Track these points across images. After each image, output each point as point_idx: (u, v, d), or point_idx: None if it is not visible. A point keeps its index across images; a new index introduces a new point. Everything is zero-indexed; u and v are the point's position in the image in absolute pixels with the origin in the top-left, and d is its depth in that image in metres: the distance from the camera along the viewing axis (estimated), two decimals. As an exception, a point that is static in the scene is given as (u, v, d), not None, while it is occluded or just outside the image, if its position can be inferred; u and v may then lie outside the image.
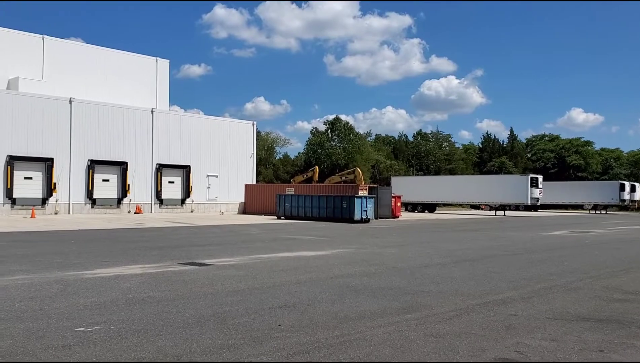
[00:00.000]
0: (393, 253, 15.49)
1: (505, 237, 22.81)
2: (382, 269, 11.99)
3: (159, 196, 40.54)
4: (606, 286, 10.05)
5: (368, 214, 33.18)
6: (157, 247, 16.20)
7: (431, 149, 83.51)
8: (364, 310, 7.67)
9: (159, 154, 40.70)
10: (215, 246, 16.77)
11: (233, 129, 46.09)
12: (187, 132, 42.65)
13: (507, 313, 7.57)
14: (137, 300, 8.05)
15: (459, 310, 7.78)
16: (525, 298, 8.74)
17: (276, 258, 13.81)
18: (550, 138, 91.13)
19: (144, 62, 46.33)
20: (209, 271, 11.23)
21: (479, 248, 17.83)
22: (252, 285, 9.54)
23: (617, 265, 13.32)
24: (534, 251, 16.87)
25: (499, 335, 6.37)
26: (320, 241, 19.11)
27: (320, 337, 6.18)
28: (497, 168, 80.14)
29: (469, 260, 14.10)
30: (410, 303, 8.21)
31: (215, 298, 8.31)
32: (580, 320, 7.23)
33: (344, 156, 71.02)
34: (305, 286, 9.57)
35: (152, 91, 45.99)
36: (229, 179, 44.50)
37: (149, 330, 6.33)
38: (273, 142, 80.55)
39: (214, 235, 21.97)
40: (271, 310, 7.51)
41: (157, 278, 10.20)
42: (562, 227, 30.82)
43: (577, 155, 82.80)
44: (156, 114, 41.23)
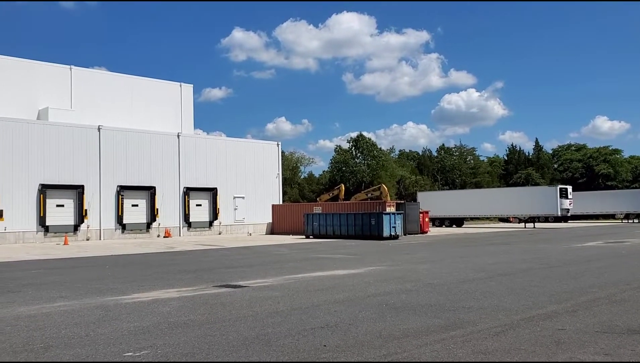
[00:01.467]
0: (427, 269, 15.34)
1: (539, 250, 22.44)
2: (419, 286, 11.87)
3: (187, 219, 40.89)
4: (652, 297, 9.81)
5: (397, 231, 32.99)
6: (190, 270, 16.29)
7: (456, 163, 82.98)
8: (407, 328, 7.59)
9: (185, 177, 41.14)
10: (248, 268, 16.80)
11: (258, 150, 46.43)
12: (213, 155, 43.08)
13: (555, 328, 7.42)
14: (179, 324, 8.09)
15: (504, 326, 7.64)
16: (570, 312, 8.56)
17: (310, 277, 13.77)
18: (577, 148, 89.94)
19: (168, 88, 47.17)
20: (245, 293, 11.24)
21: (513, 261, 17.56)
22: (290, 306, 9.52)
23: (660, 275, 12.99)
24: (571, 263, 16.55)
25: (550, 351, 6.23)
26: (351, 259, 19.03)
27: (368, 356, 6.12)
28: (523, 179, 79.21)
29: (505, 274, 13.88)
30: (453, 320, 8.10)
31: (255, 320, 8.30)
32: (631, 332, 7.04)
33: (369, 173, 70.97)
34: (343, 305, 9.51)
35: (177, 116, 46.73)
36: (255, 200, 44.73)
37: (195, 353, 6.35)
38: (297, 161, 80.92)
39: (245, 256, 22.03)
40: (314, 331, 7.47)
41: (194, 302, 10.24)
42: (596, 238, 30.23)
43: (605, 164, 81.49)
44: (182, 138, 41.76)
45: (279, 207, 44.84)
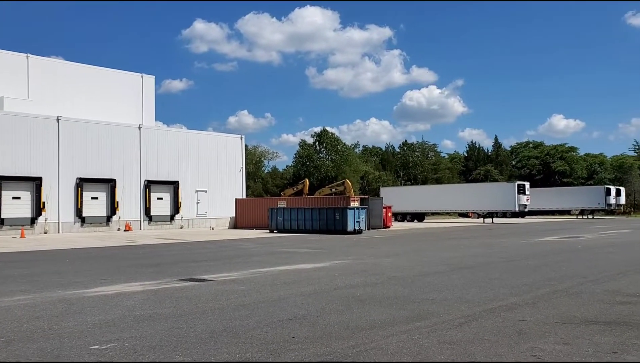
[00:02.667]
0: (391, 263, 15.55)
1: (498, 244, 22.98)
2: (383, 279, 12.03)
3: (148, 212, 40.31)
4: (607, 289, 10.18)
5: (361, 225, 33.26)
6: (153, 264, 16.10)
7: (418, 160, 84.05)
8: (373, 319, 7.70)
9: (147, 170, 40.53)
10: (212, 262, 16.70)
11: (221, 144, 46.04)
12: (175, 147, 42.54)
13: (516, 319, 7.64)
14: (144, 317, 8.01)
15: (467, 317, 7.83)
16: (530, 304, 8.82)
17: (276, 271, 13.79)
18: (535, 145, 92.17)
19: (129, 79, 46.31)
20: (210, 287, 11.19)
21: (473, 255, 17.94)
22: (257, 299, 9.53)
23: (613, 269, 13.48)
24: (529, 257, 17.01)
25: (512, 341, 6.43)
26: (317, 254, 19.13)
27: (336, 347, 6.20)
28: (482, 176, 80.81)
29: (466, 268, 14.18)
30: (418, 312, 8.26)
31: (223, 313, 8.29)
32: (588, 323, 7.32)
33: (333, 168, 71.20)
34: (310, 298, 9.58)
35: (138, 107, 45.94)
36: (218, 194, 44.38)
37: (163, 346, 6.31)
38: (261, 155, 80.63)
39: (208, 250, 21.88)
40: (282, 323, 7.51)
41: (159, 295, 10.14)
42: (552, 233, 31.11)
43: (562, 161, 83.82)
44: (143, 130, 41.10)
45: (242, 201, 44.60)
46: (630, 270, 13.16)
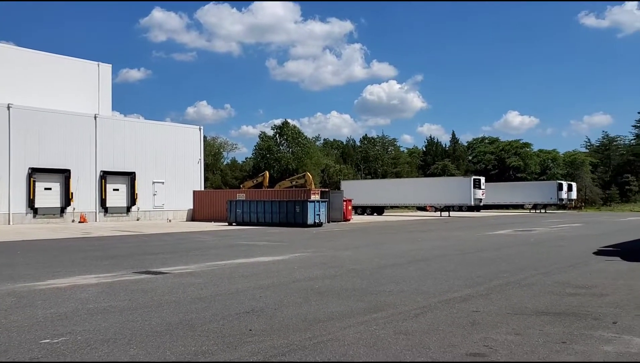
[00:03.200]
0: (350, 255, 15.65)
1: (454, 237, 23.40)
2: (342, 271, 12.11)
3: (103, 204, 39.47)
4: (557, 281, 10.50)
5: (321, 218, 33.36)
6: (108, 256, 15.79)
7: (378, 154, 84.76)
8: (331, 311, 7.75)
9: (102, 161, 39.64)
10: (169, 254, 16.48)
11: (179, 134, 45.38)
12: (132, 138, 41.70)
13: (469, 310, 7.81)
14: (98, 310, 7.85)
15: (423, 308, 7.96)
16: (483, 295, 9.03)
17: (234, 264, 13.71)
18: (490, 141, 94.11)
19: (85, 67, 45.07)
20: (166, 280, 11.04)
21: (430, 248, 18.23)
22: (214, 292, 9.45)
23: (563, 262, 13.90)
24: (483, 250, 17.39)
25: (466, 331, 6.57)
26: (276, 246, 19.10)
27: (293, 339, 6.21)
28: (440, 170, 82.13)
29: (422, 260, 14.41)
30: (375, 303, 8.34)
31: (179, 306, 8.19)
32: (539, 314, 7.53)
33: (294, 160, 71.09)
34: (268, 291, 9.56)
35: (94, 96, 44.76)
36: (176, 186, 43.77)
37: (117, 339, 6.20)
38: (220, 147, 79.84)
39: (165, 243, 21.57)
40: (239, 316, 7.47)
41: (114, 288, 9.96)
42: (506, 226, 31.87)
43: (516, 157, 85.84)
44: (99, 119, 40.15)
45: (200, 193, 44.11)
46: (580, 263, 13.60)
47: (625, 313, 7.57)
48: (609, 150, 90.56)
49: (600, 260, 14.23)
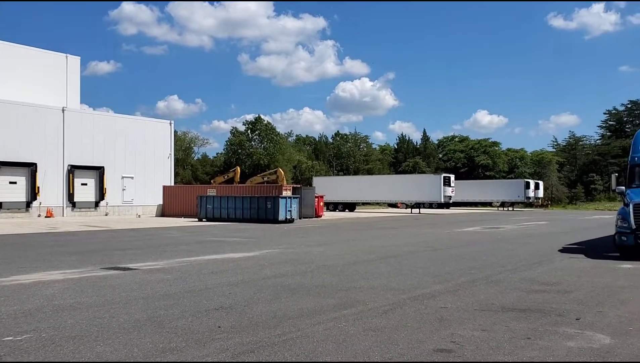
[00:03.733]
0: (321, 252, 15.69)
1: (424, 234, 23.65)
2: (313, 267, 12.13)
3: (71, 199, 38.73)
4: (523, 278, 10.70)
5: (292, 215, 33.33)
6: (75, 252, 15.53)
7: (350, 150, 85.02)
8: (301, 308, 7.76)
9: (70, 155, 38.87)
10: (138, 250, 16.29)
11: (149, 129, 44.76)
12: (101, 132, 40.97)
13: (438, 306, 7.91)
14: (64, 307, 7.72)
15: (392, 305, 8.04)
16: (451, 292, 9.15)
17: (204, 260, 13.62)
18: (460, 139, 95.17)
19: (53, 59, 44.00)
20: (135, 276, 10.92)
21: (400, 244, 18.40)
22: (183, 288, 9.38)
23: (530, 259, 14.17)
24: (452, 246, 17.62)
25: (434, 327, 6.65)
26: (247, 243, 19.03)
27: (263, 336, 6.20)
28: (411, 167, 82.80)
29: (392, 256, 14.53)
30: (345, 300, 8.39)
31: (147, 303, 8.11)
32: (505, 310, 7.68)
33: (266, 156, 70.82)
34: (238, 287, 9.53)
35: (62, 89, 43.74)
36: (145, 181, 43.17)
37: (84, 336, 6.11)
38: (191, 142, 79.04)
39: (134, 238, 21.31)
40: (208, 312, 7.43)
41: (81, 284, 9.81)
42: (475, 224, 32.33)
43: (485, 155, 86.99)
44: (67, 113, 39.36)
45: (170, 188, 43.63)
46: (545, 260, 13.89)
47: (587, 309, 7.77)
48: (575, 150, 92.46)
49: (565, 257, 14.55)
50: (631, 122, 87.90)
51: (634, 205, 13.67)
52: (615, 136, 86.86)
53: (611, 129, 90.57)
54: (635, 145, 15.46)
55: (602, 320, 7.13)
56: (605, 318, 7.24)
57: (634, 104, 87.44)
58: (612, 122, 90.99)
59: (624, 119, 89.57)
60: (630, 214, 13.68)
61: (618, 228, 14.10)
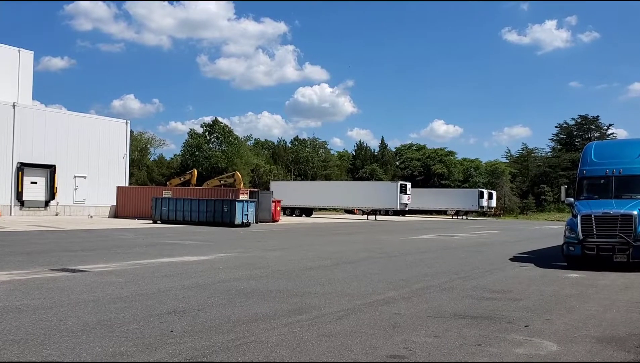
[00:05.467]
0: (276, 256, 15.64)
1: (379, 240, 23.86)
2: (268, 272, 12.08)
3: (19, 197, 37.49)
4: (475, 286, 10.91)
5: (249, 218, 33.12)
6: (22, 252, 15.03)
7: (309, 155, 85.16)
8: (255, 312, 7.71)
9: (20, 152, 37.64)
10: (88, 252, 15.88)
11: (104, 128, 43.79)
12: (53, 129, 39.84)
13: (392, 312, 7.99)
14: (9, 309, 7.45)
15: (347, 310, 8.07)
16: (405, 298, 9.26)
17: (157, 263, 13.38)
18: (418, 148, 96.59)
19: (4, 53, 42.56)
20: (85, 278, 10.64)
21: (356, 250, 18.51)
22: (135, 292, 9.19)
23: (482, 267, 14.47)
24: (407, 253, 17.82)
25: (387, 333, 6.71)
26: (202, 246, 18.79)
27: (216, 341, 6.13)
28: (368, 174, 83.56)
29: (348, 262, 14.60)
30: (300, 305, 8.37)
31: (97, 306, 7.91)
32: (457, 317, 7.81)
33: (224, 159, 70.20)
34: (192, 291, 9.39)
35: (13, 84, 42.31)
36: (99, 181, 42.17)
37: (29, 339, 5.91)
38: (147, 142, 77.70)
39: (85, 239, 20.77)
40: (160, 316, 7.30)
41: (28, 285, 9.49)
42: (429, 231, 32.82)
43: (441, 164, 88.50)
44: (18, 108, 38.15)
45: (125, 189, 42.74)
46: (497, 268, 14.21)
47: (536, 317, 7.97)
48: (527, 161, 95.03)
49: (515, 266, 14.92)
50: (580, 136, 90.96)
51: (582, 216, 14.14)
52: (566, 149, 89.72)
53: (562, 142, 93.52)
54: (584, 159, 16.01)
55: (549, 327, 7.33)
56: (552, 325, 7.45)
57: (584, 119, 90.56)
58: (562, 135, 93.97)
59: (574, 133, 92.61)
60: (578, 226, 14.13)
61: (566, 238, 14.54)
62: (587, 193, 15.53)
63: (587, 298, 9.83)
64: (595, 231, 13.87)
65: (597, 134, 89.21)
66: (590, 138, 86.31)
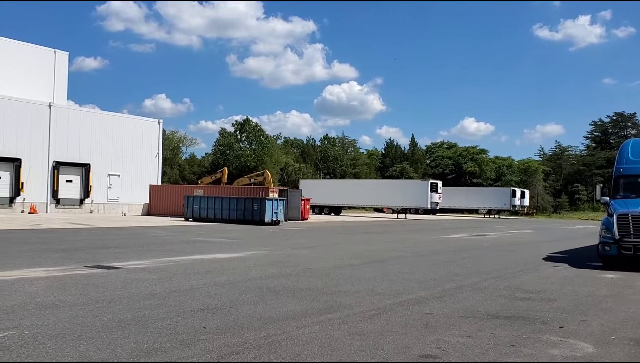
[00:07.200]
0: (306, 255, 15.67)
1: (410, 239, 23.71)
2: (298, 270, 12.11)
3: (55, 195, 38.35)
4: (508, 286, 10.76)
5: (278, 217, 33.28)
6: (59, 249, 15.37)
7: (338, 154, 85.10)
8: (286, 310, 7.74)
9: (56, 151, 38.51)
10: (122, 249, 16.16)
11: (137, 127, 44.50)
12: (88, 129, 40.64)
13: (423, 312, 7.93)
14: (47, 304, 7.63)
15: (378, 309, 8.04)
16: (437, 298, 9.18)
17: (189, 260, 13.54)
18: (449, 146, 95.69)
19: (40, 54, 43.57)
20: (119, 275, 10.82)
21: (386, 249, 18.43)
22: (168, 288, 9.32)
23: (515, 267, 14.26)
24: (438, 253, 17.68)
25: (419, 333, 6.66)
26: (233, 244, 18.96)
27: (248, 338, 6.18)
28: (398, 173, 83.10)
29: (379, 261, 14.55)
30: (331, 303, 8.37)
31: (132, 302, 8.04)
32: (490, 317, 7.71)
33: (253, 158, 70.67)
34: (224, 288, 9.48)
35: (49, 85, 43.32)
36: (132, 179, 42.88)
37: (67, 335, 6.04)
38: (179, 141, 78.72)
39: (119, 237, 21.14)
40: (193, 313, 7.38)
41: (64, 282, 9.70)
42: (461, 230, 32.48)
43: (472, 162, 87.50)
44: (54, 108, 39.00)
45: (157, 187, 43.39)
46: (530, 268, 13.98)
47: (571, 318, 7.82)
48: (561, 159, 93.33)
49: (549, 265, 14.66)
50: (616, 134, 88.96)
51: (618, 216, 13.81)
52: (601, 147, 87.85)
53: (596, 140, 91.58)
54: (620, 157, 15.64)
55: (585, 328, 7.18)
56: (588, 326, 7.30)
57: (620, 116, 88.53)
58: (597, 133, 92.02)
59: (609, 130, 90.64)
60: (614, 225, 13.81)
61: (602, 238, 14.23)
62: (623, 191, 15.18)
63: (624, 299, 9.61)
64: (632, 231, 13.53)
65: (633, 131, 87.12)
66: (627, 135, 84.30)
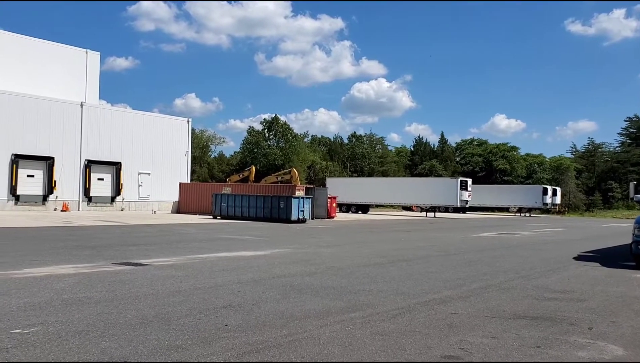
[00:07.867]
0: (331, 253, 15.63)
1: (438, 238, 23.46)
2: (323, 268, 12.07)
3: (87, 193, 39.11)
4: (536, 285, 10.54)
5: (305, 215, 33.33)
6: (88, 246, 15.63)
7: (365, 152, 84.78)
8: (309, 309, 7.71)
9: (88, 149, 39.26)
10: (151, 246, 16.36)
11: (167, 126, 45.08)
12: (119, 127, 41.33)
13: (448, 312, 7.81)
14: (73, 301, 7.75)
15: (401, 309, 7.94)
16: (463, 297, 9.03)
17: (215, 258, 13.63)
18: (479, 143, 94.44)
19: (73, 54, 44.53)
20: (146, 272, 10.94)
21: (413, 248, 18.26)
22: (193, 285, 9.37)
23: (544, 266, 13.97)
24: (466, 251, 17.44)
25: (442, 333, 6.56)
26: (258, 241, 19.03)
27: (269, 336, 6.16)
28: (427, 170, 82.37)
29: (404, 260, 14.41)
30: (353, 302, 8.31)
31: (156, 299, 8.11)
32: (516, 318, 7.55)
33: (281, 156, 70.90)
34: (248, 286, 9.50)
35: (81, 84, 44.24)
36: (162, 178, 43.48)
37: (90, 331, 6.11)
38: (208, 140, 79.42)
39: (148, 234, 21.42)
40: (216, 310, 7.41)
41: (92, 279, 9.84)
42: (490, 229, 32.03)
43: (503, 160, 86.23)
44: (86, 108, 39.75)
45: (186, 186, 43.88)
46: (560, 268, 13.68)
47: (601, 319, 7.61)
48: (594, 156, 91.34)
49: (579, 265, 14.33)
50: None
51: (652, 214, 13.42)
52: (636, 143, 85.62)
53: (631, 136, 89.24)
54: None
55: (615, 330, 6.98)
56: (618, 328, 7.09)
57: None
58: (632, 129, 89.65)
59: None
60: (648, 224, 13.43)
61: (635, 237, 13.85)
62: (658, 189, 14.75)
63: (658, 300, 9.32)
64: (668, 230, 13.14)
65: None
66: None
